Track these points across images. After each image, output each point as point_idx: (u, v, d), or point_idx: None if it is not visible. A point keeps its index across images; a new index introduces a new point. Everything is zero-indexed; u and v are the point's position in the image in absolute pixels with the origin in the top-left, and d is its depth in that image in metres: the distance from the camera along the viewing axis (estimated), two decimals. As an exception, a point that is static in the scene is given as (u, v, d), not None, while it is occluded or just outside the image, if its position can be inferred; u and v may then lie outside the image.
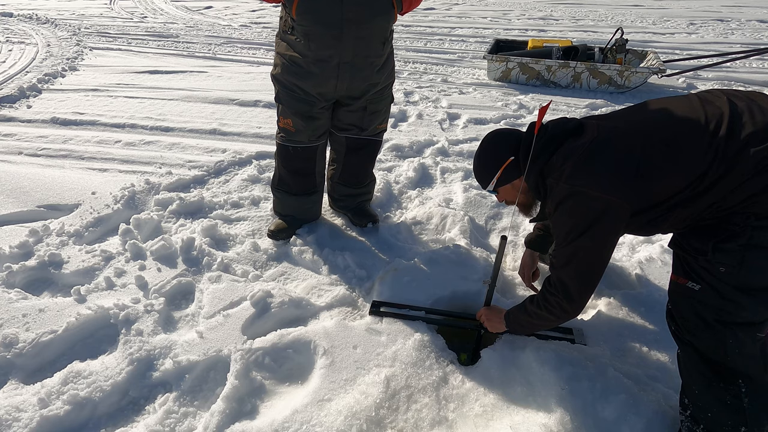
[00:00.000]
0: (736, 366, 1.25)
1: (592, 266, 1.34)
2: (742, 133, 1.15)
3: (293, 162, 2.15)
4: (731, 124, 1.16)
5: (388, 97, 2.12)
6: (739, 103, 1.21)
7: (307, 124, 2.02)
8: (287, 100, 1.98)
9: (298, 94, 1.95)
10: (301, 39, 1.82)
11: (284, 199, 2.27)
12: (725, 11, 7.90)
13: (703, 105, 1.24)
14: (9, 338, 1.71)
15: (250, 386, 1.58)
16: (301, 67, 1.88)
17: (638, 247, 2.24)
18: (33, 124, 3.67)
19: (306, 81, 1.91)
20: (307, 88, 1.93)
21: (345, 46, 1.80)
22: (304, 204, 2.28)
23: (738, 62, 4.95)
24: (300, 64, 1.88)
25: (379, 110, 2.10)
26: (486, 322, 1.68)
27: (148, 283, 2.01)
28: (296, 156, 2.12)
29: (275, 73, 1.99)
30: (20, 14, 7.63)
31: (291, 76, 1.92)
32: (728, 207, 1.18)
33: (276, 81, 2.00)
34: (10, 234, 2.32)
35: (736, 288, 1.19)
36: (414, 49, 5.82)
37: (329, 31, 1.77)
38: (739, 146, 1.14)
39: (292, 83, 1.93)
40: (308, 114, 1.99)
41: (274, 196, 2.34)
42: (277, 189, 2.28)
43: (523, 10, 8.14)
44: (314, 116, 2.01)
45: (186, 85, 4.52)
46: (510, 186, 1.50)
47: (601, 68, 4.26)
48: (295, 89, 1.94)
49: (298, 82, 1.92)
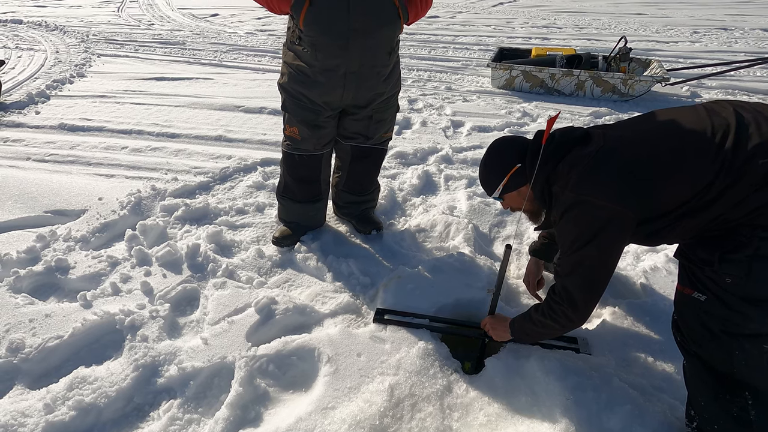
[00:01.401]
0: (743, 377, 1.24)
1: (597, 275, 1.34)
2: (749, 145, 1.15)
3: (299, 170, 2.16)
4: (738, 135, 1.17)
5: (393, 106, 2.13)
6: (745, 114, 1.21)
7: (313, 133, 2.03)
8: (293, 109, 2.00)
9: (304, 102, 1.97)
10: (308, 49, 1.84)
11: (289, 206, 2.28)
12: (728, 20, 7.91)
13: (709, 116, 1.24)
14: (15, 343, 1.72)
15: (254, 393, 1.58)
16: (308, 77, 1.90)
17: (643, 256, 2.23)
18: (41, 129, 3.72)
19: (312, 90, 1.92)
20: (314, 97, 1.94)
21: (352, 56, 1.82)
22: (309, 211, 2.29)
23: (742, 71, 4.96)
24: (307, 73, 1.90)
25: (384, 119, 2.12)
26: (491, 331, 1.68)
27: (154, 289, 2.02)
28: (302, 164, 2.14)
29: (282, 82, 2.01)
30: (30, 21, 7.73)
31: (297, 84, 1.94)
32: (735, 219, 1.18)
33: (282, 89, 2.02)
34: (17, 239, 2.34)
35: (743, 299, 1.18)
36: (418, 56, 5.86)
37: (336, 42, 1.79)
38: (745, 157, 1.14)
39: (299, 92, 1.95)
40: (314, 123, 2.01)
41: (279, 203, 2.35)
42: (282, 196, 2.29)
43: (526, 18, 8.19)
44: (320, 125, 2.02)
45: (192, 91, 4.56)
46: (516, 193, 1.50)
47: (605, 77, 4.27)
48: (301, 98, 1.96)
49: (304, 90, 1.94)
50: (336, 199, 2.44)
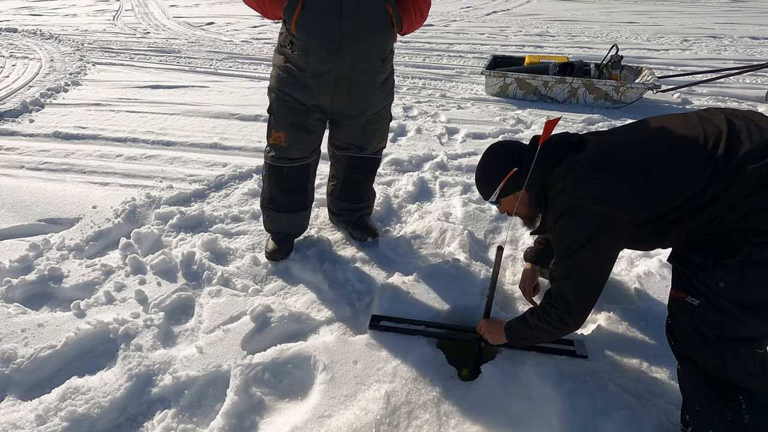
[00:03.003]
0: (737, 382, 1.25)
1: (593, 279, 1.35)
2: (741, 151, 1.16)
3: (287, 182, 2.11)
4: (729, 141, 1.18)
5: (386, 116, 2.13)
6: (737, 121, 1.23)
7: (300, 137, 1.99)
8: (280, 111, 1.97)
9: (291, 104, 1.93)
10: (299, 53, 1.83)
11: (275, 217, 2.22)
12: (718, 28, 8.05)
13: (702, 123, 1.26)
14: (7, 353, 1.70)
15: (249, 402, 1.57)
16: (297, 79, 1.88)
17: (637, 261, 2.25)
18: (35, 138, 3.70)
19: (301, 92, 1.90)
20: (302, 99, 1.92)
21: (343, 61, 1.81)
22: (296, 219, 2.25)
23: (731, 78, 5.03)
24: (296, 75, 1.88)
25: (378, 129, 2.11)
26: (486, 334, 1.68)
27: (148, 298, 2.01)
28: (290, 175, 2.08)
29: (270, 85, 1.99)
30: (24, 30, 7.73)
31: (286, 86, 1.91)
32: (728, 223, 1.19)
33: (270, 92, 1.99)
34: (10, 248, 2.33)
35: (736, 303, 1.19)
36: (413, 64, 5.91)
37: (328, 47, 1.78)
38: (737, 163, 1.16)
39: (287, 93, 1.92)
40: (302, 124, 1.96)
41: (264, 215, 2.28)
42: (268, 208, 2.22)
43: (519, 26, 8.28)
44: (308, 128, 1.98)
45: (187, 99, 4.57)
46: (512, 197, 1.50)
47: (597, 84, 4.32)
48: (289, 99, 1.93)
49: (292, 92, 1.91)
50: (331, 206, 2.43)
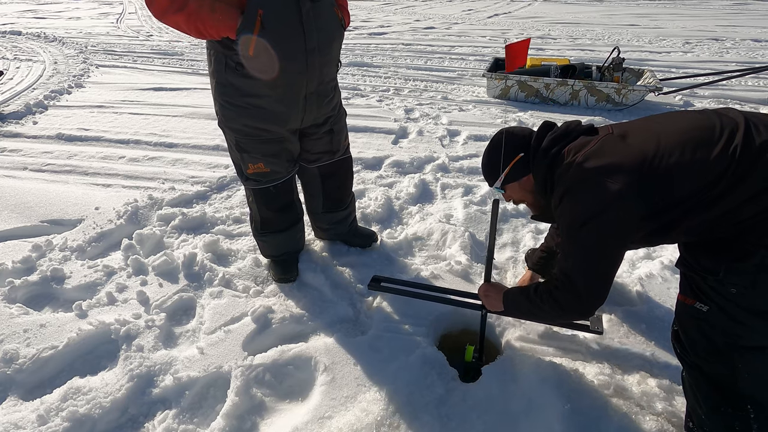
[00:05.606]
0: (746, 390, 1.20)
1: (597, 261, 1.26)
2: (758, 140, 1.14)
3: (277, 200, 2.00)
4: (747, 131, 1.16)
5: (343, 112, 2.06)
6: (753, 117, 1.22)
7: (281, 158, 1.88)
8: (253, 146, 1.81)
9: (263, 136, 1.79)
10: (259, 78, 1.64)
11: (273, 240, 2.10)
12: (720, 31, 8.05)
13: (718, 116, 1.25)
14: (9, 354, 1.71)
15: (250, 403, 1.57)
16: (263, 109, 1.72)
17: (638, 264, 2.24)
18: (38, 139, 3.72)
19: (270, 120, 1.75)
20: (273, 128, 1.78)
21: (310, 77, 1.70)
22: (295, 235, 2.16)
23: (734, 80, 5.03)
24: (262, 105, 1.71)
25: (341, 127, 2.04)
26: (484, 299, 1.61)
27: (150, 299, 2.02)
28: (279, 192, 1.98)
29: (227, 122, 1.77)
30: (29, 32, 7.78)
31: (252, 120, 1.74)
32: (742, 220, 1.14)
33: (231, 130, 1.79)
34: (13, 249, 2.34)
35: (747, 310, 1.15)
36: (414, 67, 5.92)
37: (294, 67, 1.64)
38: (756, 152, 1.12)
39: (256, 127, 1.76)
40: (278, 150, 1.86)
41: (260, 243, 2.14)
42: (263, 233, 2.09)
43: (521, 29, 8.30)
44: (286, 148, 1.88)
45: (190, 101, 4.58)
46: (517, 184, 1.47)
47: (599, 86, 4.32)
48: (261, 133, 1.78)
49: (262, 125, 1.76)
50: (317, 223, 2.29)
